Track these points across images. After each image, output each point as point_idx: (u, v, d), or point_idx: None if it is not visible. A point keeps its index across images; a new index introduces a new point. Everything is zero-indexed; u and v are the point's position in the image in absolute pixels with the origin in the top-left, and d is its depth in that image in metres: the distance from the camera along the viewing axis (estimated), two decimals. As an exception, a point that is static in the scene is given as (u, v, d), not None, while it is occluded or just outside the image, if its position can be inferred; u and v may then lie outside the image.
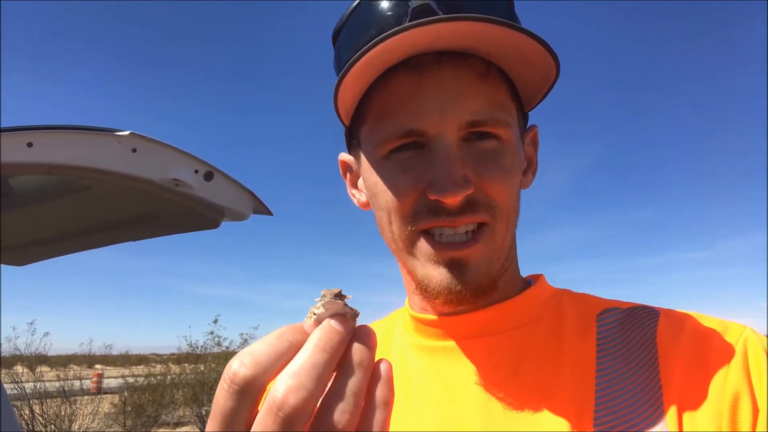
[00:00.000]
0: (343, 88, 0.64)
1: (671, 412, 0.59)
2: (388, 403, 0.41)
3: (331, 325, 0.41)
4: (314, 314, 0.42)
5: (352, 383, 0.39)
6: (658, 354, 0.64)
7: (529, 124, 0.78)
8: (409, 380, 0.74)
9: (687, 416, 0.58)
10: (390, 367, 0.42)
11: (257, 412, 0.39)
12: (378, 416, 0.40)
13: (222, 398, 0.39)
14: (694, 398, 0.59)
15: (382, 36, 0.59)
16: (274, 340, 0.40)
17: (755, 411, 0.57)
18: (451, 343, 0.72)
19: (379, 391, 0.41)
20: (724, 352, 0.61)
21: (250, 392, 0.39)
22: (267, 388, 0.40)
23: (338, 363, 0.40)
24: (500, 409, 0.65)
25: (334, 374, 0.40)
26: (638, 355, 0.65)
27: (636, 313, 0.70)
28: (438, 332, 0.73)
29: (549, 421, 0.62)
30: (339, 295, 0.42)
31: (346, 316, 0.42)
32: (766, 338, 0.63)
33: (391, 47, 0.60)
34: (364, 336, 0.42)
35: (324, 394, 0.39)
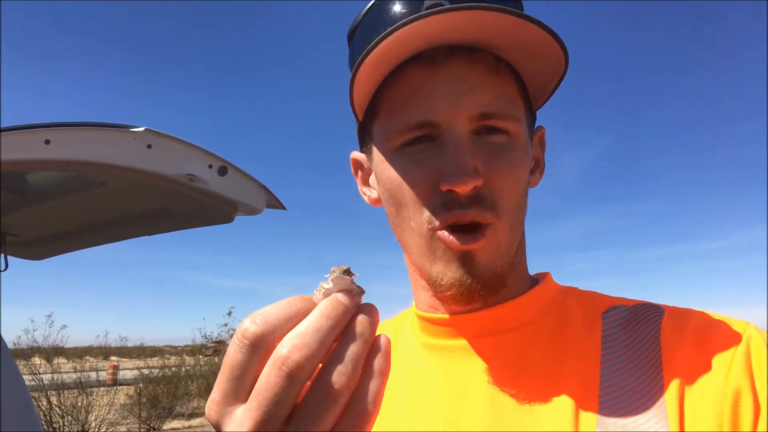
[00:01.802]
0: (358, 81, 0.65)
1: (673, 410, 0.59)
2: (384, 373, 0.44)
3: (338, 297, 0.44)
4: (323, 288, 0.45)
5: (352, 350, 0.42)
6: (662, 352, 0.64)
7: (537, 124, 0.79)
8: (416, 379, 0.74)
9: (689, 414, 0.58)
10: (388, 341, 0.45)
11: (262, 368, 0.42)
12: (373, 384, 0.43)
13: (232, 352, 0.42)
14: (696, 396, 0.59)
15: (395, 26, 0.60)
16: (285, 305, 0.44)
17: (756, 409, 0.56)
18: (458, 342, 0.72)
19: (377, 361, 0.44)
20: (727, 349, 0.61)
21: (258, 347, 0.42)
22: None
23: (341, 333, 0.43)
24: (507, 407, 0.65)
25: (336, 343, 0.43)
26: (642, 353, 0.65)
27: (641, 311, 0.70)
28: (445, 331, 0.74)
29: (553, 419, 0.63)
30: (347, 272, 0.45)
31: (352, 292, 0.45)
32: None
33: (403, 38, 0.61)
34: (368, 311, 0.45)
35: (326, 358, 0.42)
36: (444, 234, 0.66)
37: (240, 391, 0.42)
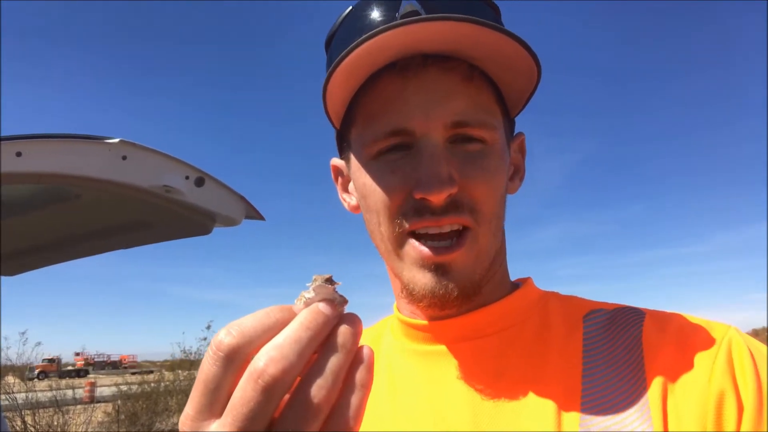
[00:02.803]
0: (331, 88, 0.65)
1: (657, 412, 0.59)
2: (367, 386, 0.42)
3: (318, 307, 0.42)
4: (304, 297, 0.43)
5: (333, 362, 0.40)
6: (644, 354, 0.64)
7: (517, 130, 0.79)
8: (397, 384, 0.74)
9: (672, 415, 0.59)
10: (372, 352, 0.43)
11: (238, 382, 0.40)
12: (355, 397, 0.41)
13: (206, 365, 0.41)
14: (679, 397, 0.60)
15: (366, 36, 0.60)
16: (262, 316, 0.42)
17: (740, 409, 0.57)
18: (440, 347, 0.72)
19: (359, 374, 0.42)
20: (709, 352, 0.62)
21: (234, 360, 0.40)
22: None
23: (322, 344, 0.41)
24: (488, 411, 0.65)
25: (317, 354, 0.41)
26: (624, 356, 0.65)
27: (622, 314, 0.70)
28: (426, 336, 0.74)
29: (535, 420, 0.63)
30: (329, 281, 0.44)
31: (334, 301, 0.43)
32: (750, 337, 0.64)
33: (377, 47, 0.61)
34: (350, 321, 0.43)
35: (305, 370, 0.41)
36: (414, 243, 0.66)
37: (214, 405, 0.41)
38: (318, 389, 0.39)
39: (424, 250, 0.65)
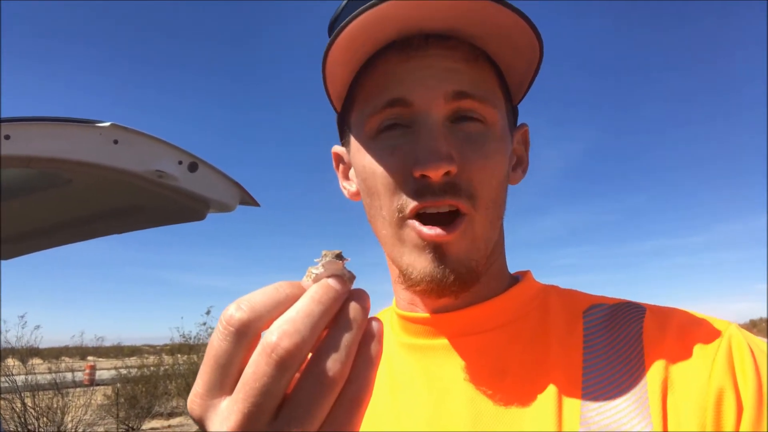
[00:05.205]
0: (331, 64, 0.65)
1: (656, 409, 0.58)
2: (377, 358, 0.42)
3: (329, 282, 0.42)
4: (313, 273, 0.43)
5: (346, 337, 0.40)
6: (644, 350, 0.63)
7: (520, 121, 0.79)
8: (397, 379, 0.73)
9: (672, 413, 0.58)
10: (381, 324, 0.43)
11: (248, 357, 0.39)
12: (366, 370, 0.41)
13: (216, 341, 0.40)
14: (678, 396, 0.59)
15: (365, 6, 0.59)
16: (272, 291, 0.41)
17: (739, 407, 0.56)
18: (439, 342, 0.71)
19: (371, 347, 0.42)
20: (709, 349, 0.61)
21: (245, 335, 0.39)
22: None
23: (333, 319, 0.41)
24: (489, 407, 0.65)
25: (328, 330, 0.41)
26: (624, 351, 0.64)
27: (622, 310, 0.69)
28: (425, 330, 0.73)
29: (536, 419, 0.62)
30: (339, 256, 0.43)
31: (344, 277, 0.43)
32: (750, 334, 0.63)
33: (374, 19, 0.61)
34: (359, 297, 0.43)
35: (317, 345, 0.40)
36: (414, 223, 0.65)
37: (225, 382, 0.40)
38: (333, 362, 0.39)
39: (424, 230, 0.64)
